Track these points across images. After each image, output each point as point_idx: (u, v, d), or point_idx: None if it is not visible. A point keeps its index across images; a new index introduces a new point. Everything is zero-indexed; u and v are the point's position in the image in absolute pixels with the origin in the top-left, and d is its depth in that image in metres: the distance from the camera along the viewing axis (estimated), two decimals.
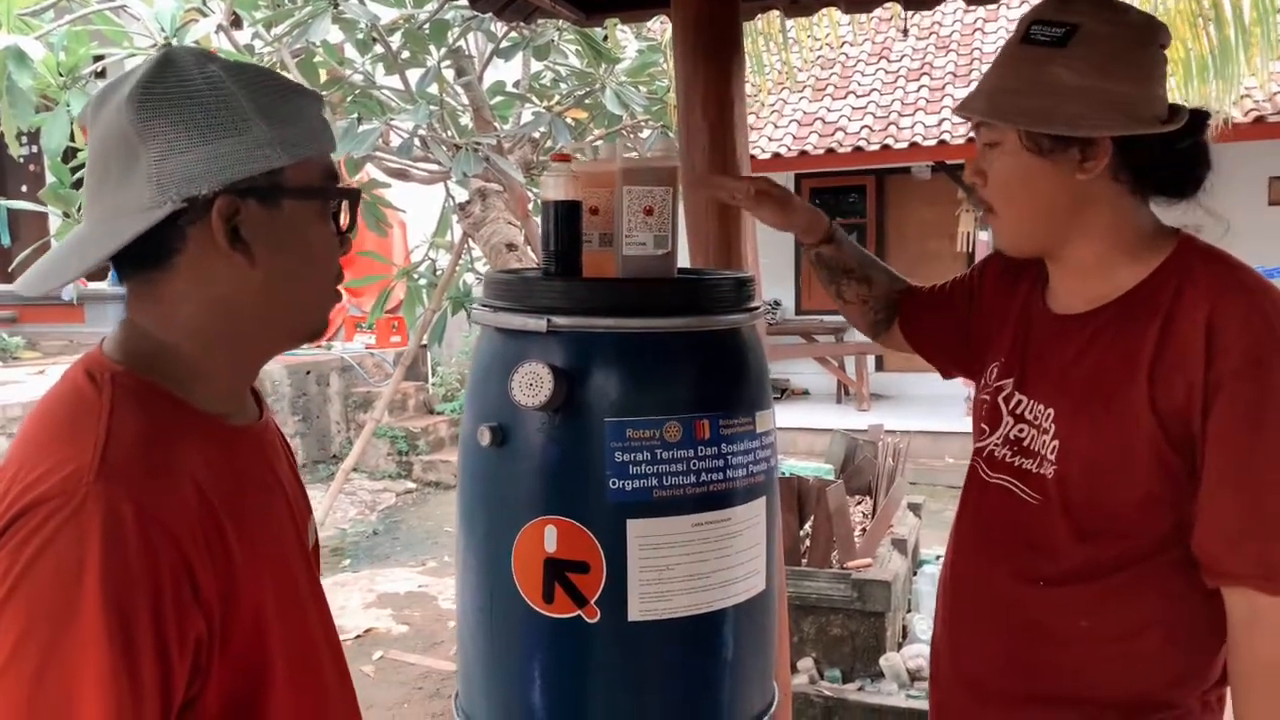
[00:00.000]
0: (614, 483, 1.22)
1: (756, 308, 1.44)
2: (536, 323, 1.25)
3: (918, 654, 3.45)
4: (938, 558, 4.35)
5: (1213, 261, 1.19)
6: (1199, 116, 1.20)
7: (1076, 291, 1.28)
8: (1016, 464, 1.31)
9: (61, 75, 3.78)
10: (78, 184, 3.90)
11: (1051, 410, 1.26)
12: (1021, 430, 1.30)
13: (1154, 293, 1.20)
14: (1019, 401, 1.32)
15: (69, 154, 3.91)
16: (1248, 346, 1.11)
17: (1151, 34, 1.20)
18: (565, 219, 1.35)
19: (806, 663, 3.48)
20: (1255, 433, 1.11)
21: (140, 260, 0.87)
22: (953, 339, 1.53)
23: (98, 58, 4.02)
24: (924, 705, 3.14)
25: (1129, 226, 1.24)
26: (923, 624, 3.69)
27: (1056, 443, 1.24)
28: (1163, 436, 1.16)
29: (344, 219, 0.95)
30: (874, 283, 1.59)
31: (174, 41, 3.82)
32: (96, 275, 0.92)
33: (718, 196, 1.38)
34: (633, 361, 1.26)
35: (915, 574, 4.15)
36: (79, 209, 4.00)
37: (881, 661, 3.43)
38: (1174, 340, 1.15)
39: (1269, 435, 1.11)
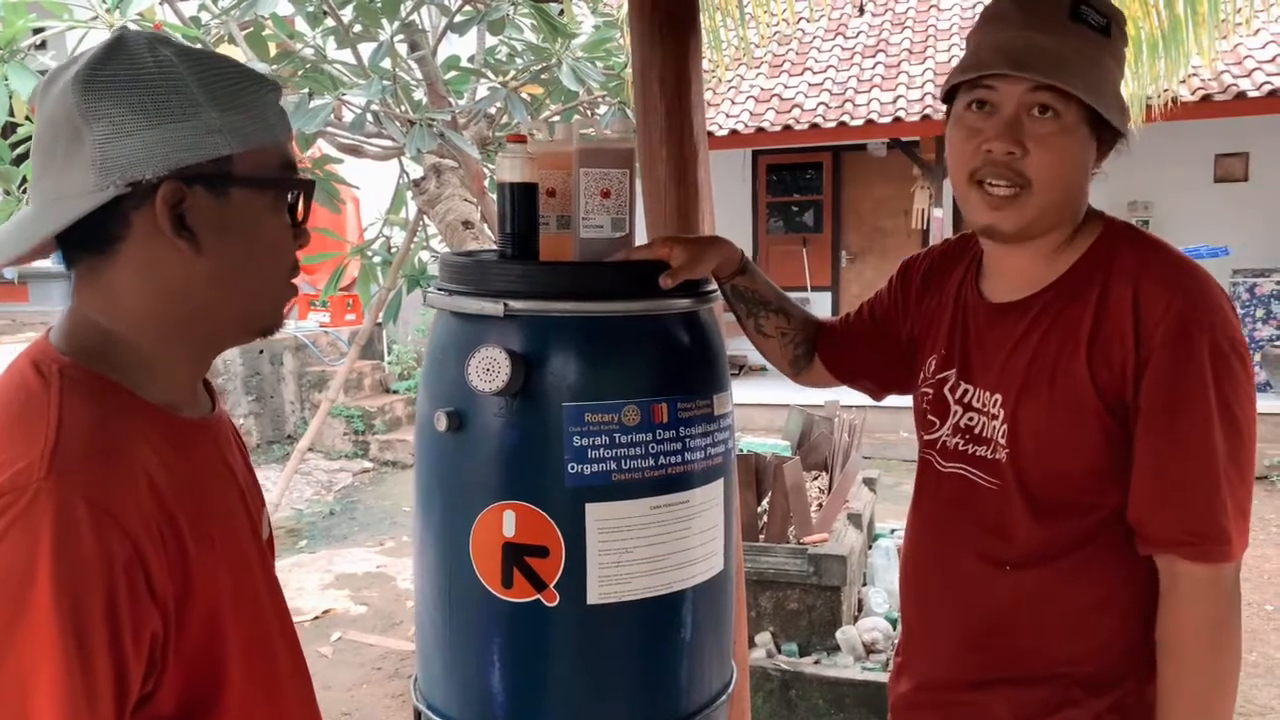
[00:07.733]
0: (572, 467, 1.22)
1: (713, 291, 1.44)
2: (493, 306, 1.24)
3: (873, 627, 3.51)
4: (893, 531, 4.41)
5: (1136, 243, 1.25)
6: None
7: (1018, 277, 1.30)
8: (970, 451, 1.32)
9: None
10: (18, 160, 3.78)
11: (999, 396, 1.28)
12: (971, 419, 1.32)
13: (1087, 274, 1.24)
14: (965, 390, 1.34)
15: (8, 129, 3.79)
16: (1171, 322, 1.15)
17: None
18: (522, 201, 1.34)
19: (764, 637, 3.53)
20: (1176, 403, 1.15)
21: (85, 245, 0.85)
22: (884, 359, 1.54)
23: (37, 30, 3.90)
24: (879, 678, 3.19)
25: (1081, 212, 1.28)
26: (878, 597, 3.75)
27: (1006, 426, 1.27)
28: (1105, 409, 1.20)
29: (300, 211, 0.94)
30: (791, 315, 1.57)
31: (116, 14, 3.71)
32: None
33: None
34: (591, 345, 1.26)
35: (870, 548, 4.20)
36: (20, 185, 3.89)
37: (838, 635, 3.48)
38: (1107, 318, 1.20)
39: (1189, 405, 1.15)
